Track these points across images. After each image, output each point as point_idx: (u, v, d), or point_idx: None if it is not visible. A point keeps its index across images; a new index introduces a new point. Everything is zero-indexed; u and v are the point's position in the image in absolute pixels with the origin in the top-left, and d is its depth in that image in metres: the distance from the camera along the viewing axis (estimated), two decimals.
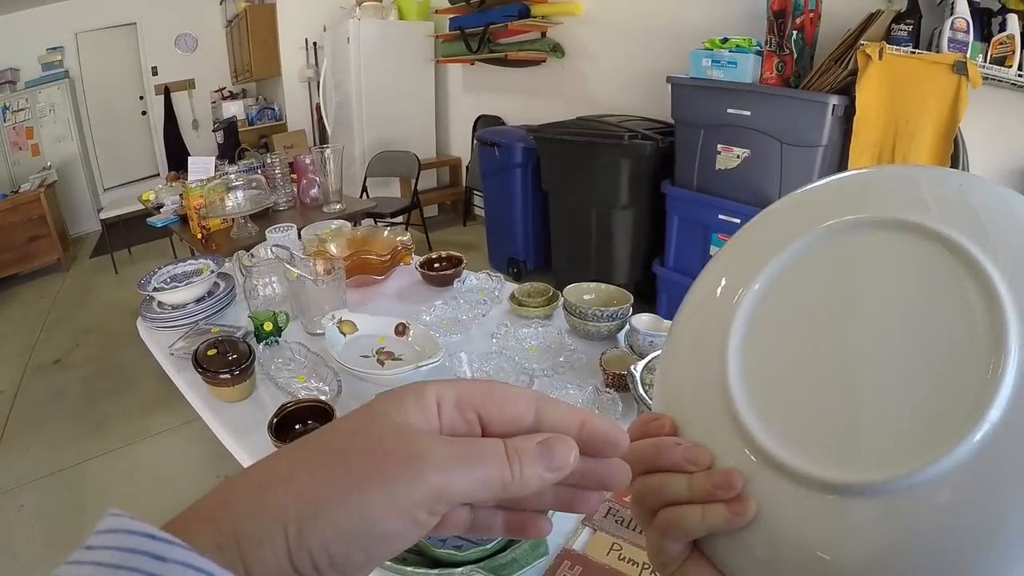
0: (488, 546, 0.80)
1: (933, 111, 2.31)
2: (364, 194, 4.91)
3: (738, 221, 2.80)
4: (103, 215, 5.25)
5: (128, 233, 5.25)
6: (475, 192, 5.51)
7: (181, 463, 2.74)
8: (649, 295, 3.44)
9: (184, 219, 2.93)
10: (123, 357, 3.64)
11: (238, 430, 1.20)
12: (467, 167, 5.60)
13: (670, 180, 3.14)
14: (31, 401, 3.40)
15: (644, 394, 1.04)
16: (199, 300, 1.64)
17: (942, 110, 2.29)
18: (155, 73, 6.89)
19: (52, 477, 2.74)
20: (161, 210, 3.23)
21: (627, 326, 1.37)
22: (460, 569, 0.78)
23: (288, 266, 1.49)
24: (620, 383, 1.20)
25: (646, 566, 0.86)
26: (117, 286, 4.91)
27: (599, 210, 3.38)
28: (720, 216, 2.88)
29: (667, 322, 1.36)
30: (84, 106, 6.49)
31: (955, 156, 2.38)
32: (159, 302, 1.63)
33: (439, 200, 6.02)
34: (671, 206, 3.13)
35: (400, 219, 4.81)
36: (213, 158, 3.15)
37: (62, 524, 2.50)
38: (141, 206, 3.80)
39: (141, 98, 6.96)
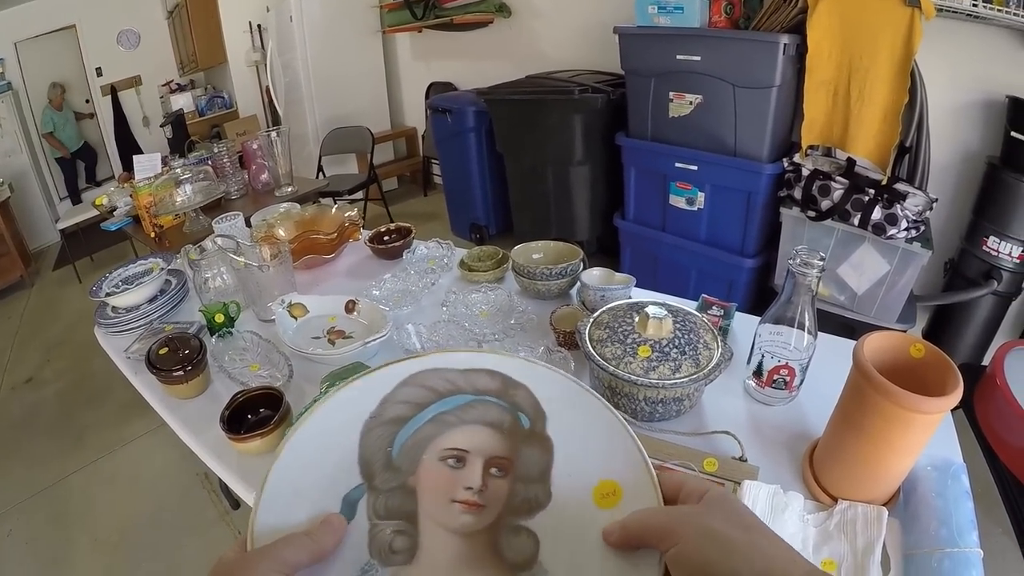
0: None
1: (887, 45, 2.29)
2: (320, 174, 4.87)
3: (695, 168, 2.81)
4: (60, 225, 5.17)
5: (88, 241, 5.18)
6: (433, 161, 5.49)
7: (160, 466, 2.74)
8: (612, 249, 3.44)
9: (137, 219, 2.89)
10: (94, 367, 3.62)
11: (196, 426, 1.19)
12: (423, 136, 5.56)
13: (624, 132, 3.12)
14: (8, 423, 3.37)
15: (591, 351, 1.04)
16: (152, 300, 1.61)
17: (896, 44, 2.27)
18: (100, 74, 6.72)
19: (37, 497, 2.74)
20: (115, 213, 3.18)
21: (578, 283, 1.37)
22: None
23: (233, 256, 1.47)
24: (571, 341, 1.21)
25: None
26: (82, 296, 4.82)
27: (555, 168, 3.36)
28: (677, 164, 2.86)
29: (619, 275, 1.37)
30: (31, 117, 6.33)
31: (912, 91, 2.37)
32: (113, 307, 1.61)
33: (397, 172, 5.98)
34: (627, 158, 3.11)
35: (359, 195, 4.78)
36: (159, 155, 3.09)
37: (52, 544, 2.49)
38: (97, 212, 3.74)
39: (88, 101, 6.81)
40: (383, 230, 1.81)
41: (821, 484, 0.90)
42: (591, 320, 1.11)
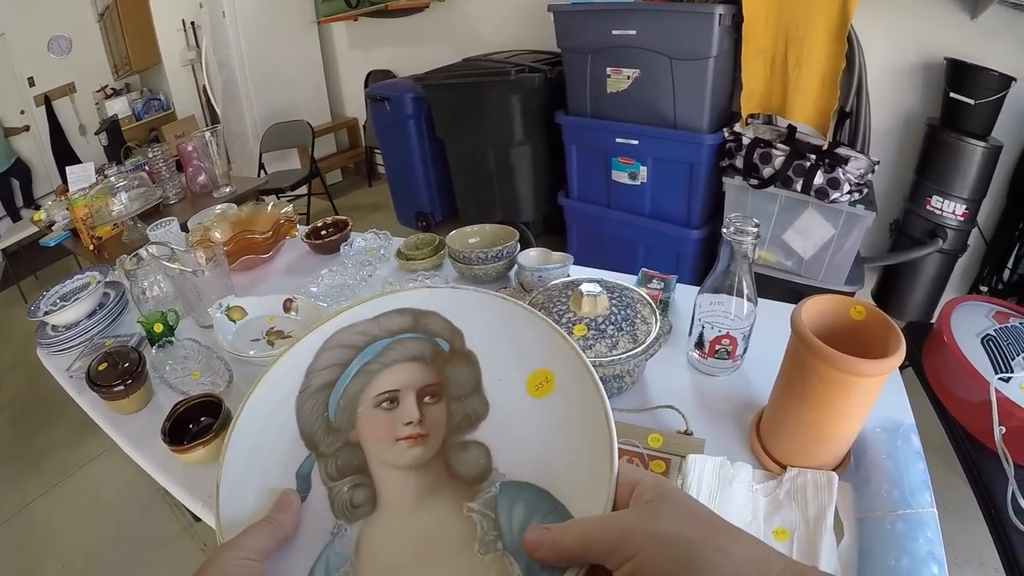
0: None
1: (822, 12, 2.31)
2: (262, 171, 4.80)
3: (636, 142, 2.83)
4: (2, 244, 5.02)
5: (31, 259, 5.04)
6: (375, 151, 5.45)
7: (120, 483, 2.70)
8: (559, 228, 3.46)
9: (76, 233, 2.82)
10: (46, 388, 3.52)
11: (141, 441, 1.18)
12: (364, 126, 5.51)
13: (563, 110, 3.12)
14: None
15: None
16: (91, 315, 1.58)
17: (831, 10, 2.29)
18: (32, 84, 6.47)
19: (1, 528, 2.69)
20: (53, 228, 3.10)
21: (516, 265, 1.37)
22: None
23: (166, 263, 1.45)
24: None
25: None
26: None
27: (495, 150, 3.36)
28: (617, 140, 2.88)
29: (557, 254, 1.37)
30: None
31: (850, 55, 2.41)
32: (52, 325, 1.58)
33: (341, 164, 5.92)
34: (567, 136, 3.12)
35: (303, 190, 4.73)
36: (91, 164, 3.01)
37: (18, 572, 2.46)
38: (37, 228, 3.63)
39: (22, 112, 6.57)
40: (319, 225, 1.80)
41: (769, 452, 0.90)
42: (527, 301, 1.11)
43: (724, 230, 0.94)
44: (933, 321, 1.30)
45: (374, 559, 0.47)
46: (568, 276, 1.26)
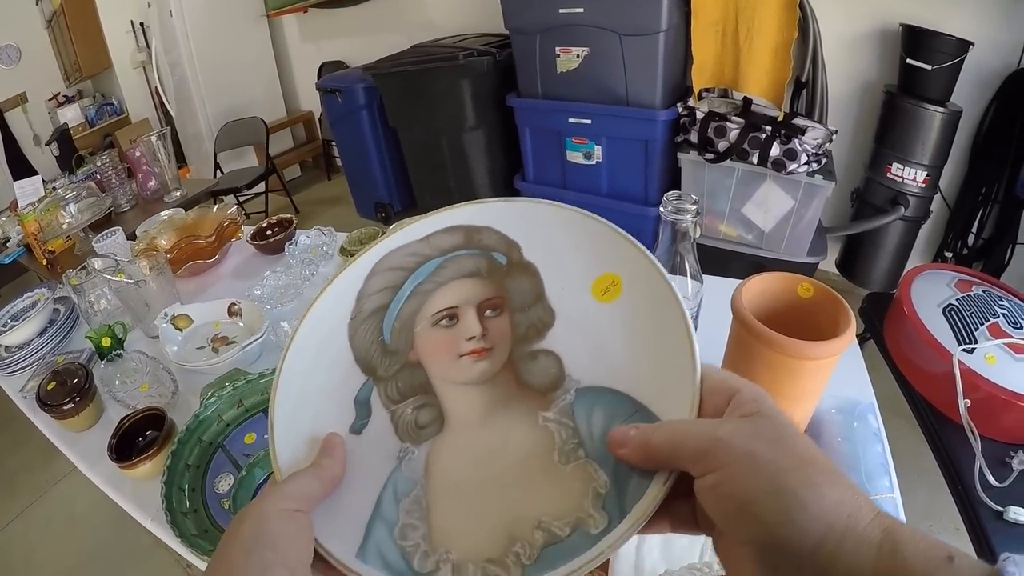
0: None
1: None
2: (218, 171, 4.76)
3: (589, 122, 2.82)
4: None
5: None
6: (333, 144, 5.38)
7: (91, 499, 2.67)
8: None
9: (30, 248, 2.79)
10: (12, 409, 3.46)
11: (92, 458, 1.18)
12: (319, 120, 5.47)
13: (515, 92, 3.12)
14: None
15: None
16: (42, 332, 1.57)
17: None
18: None
19: None
20: (8, 244, 3.06)
21: None
22: None
23: (108, 276, 1.45)
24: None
25: None
26: None
27: (448, 136, 3.35)
28: (570, 120, 2.87)
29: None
30: None
31: (803, 25, 2.41)
32: (5, 346, 1.57)
33: (299, 159, 5.88)
34: (520, 118, 3.11)
35: (260, 188, 4.71)
36: (39, 177, 2.96)
37: None
38: None
39: None
40: (264, 225, 1.80)
41: None
42: None
43: (661, 209, 0.91)
44: (894, 292, 1.28)
45: (446, 480, 0.45)
46: None
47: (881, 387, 0.97)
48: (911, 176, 2.43)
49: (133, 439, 1.12)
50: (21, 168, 6.37)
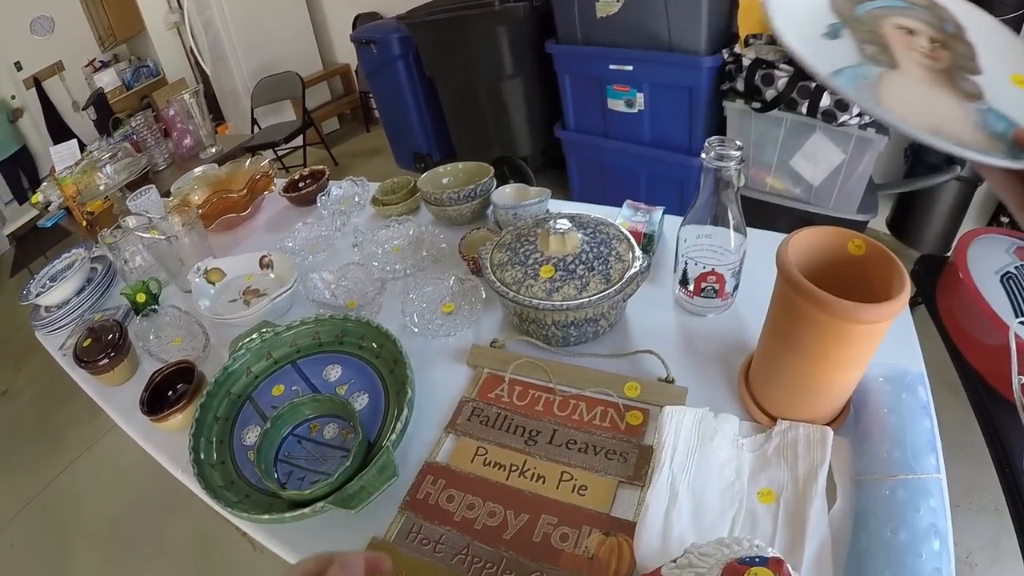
0: (333, 478, 0.80)
1: None
2: (255, 127, 4.79)
3: (630, 68, 2.72)
4: (7, 230, 5.07)
5: (39, 240, 5.08)
6: (370, 96, 5.38)
7: (135, 452, 2.74)
8: (560, 161, 3.40)
9: (70, 211, 2.85)
10: (58, 367, 3.60)
11: (127, 411, 1.19)
12: (356, 72, 5.45)
13: (553, 39, 3.02)
14: None
15: (492, 276, 1.00)
16: (80, 291, 1.60)
17: None
18: (19, 68, 6.44)
19: (31, 506, 2.83)
20: (49, 208, 3.13)
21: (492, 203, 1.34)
22: (311, 507, 0.78)
23: (141, 234, 1.46)
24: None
25: (513, 467, 0.86)
26: None
27: (486, 85, 3.29)
28: (611, 66, 2.77)
29: (534, 189, 1.33)
30: None
31: None
32: (45, 306, 1.60)
33: (336, 111, 5.88)
34: (559, 65, 3.02)
35: (298, 142, 4.74)
36: (75, 142, 3.00)
37: (51, 547, 2.59)
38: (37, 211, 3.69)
39: (13, 97, 6.57)
40: (297, 177, 1.79)
41: (758, 403, 0.83)
42: (495, 243, 1.07)
43: (703, 156, 0.86)
44: (949, 255, 1.21)
45: (896, 92, 0.56)
46: (548, 212, 1.23)
47: (930, 355, 0.90)
48: None
49: (165, 392, 1.13)
50: (62, 135, 6.50)
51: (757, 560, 0.49)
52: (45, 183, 3.45)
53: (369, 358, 1.05)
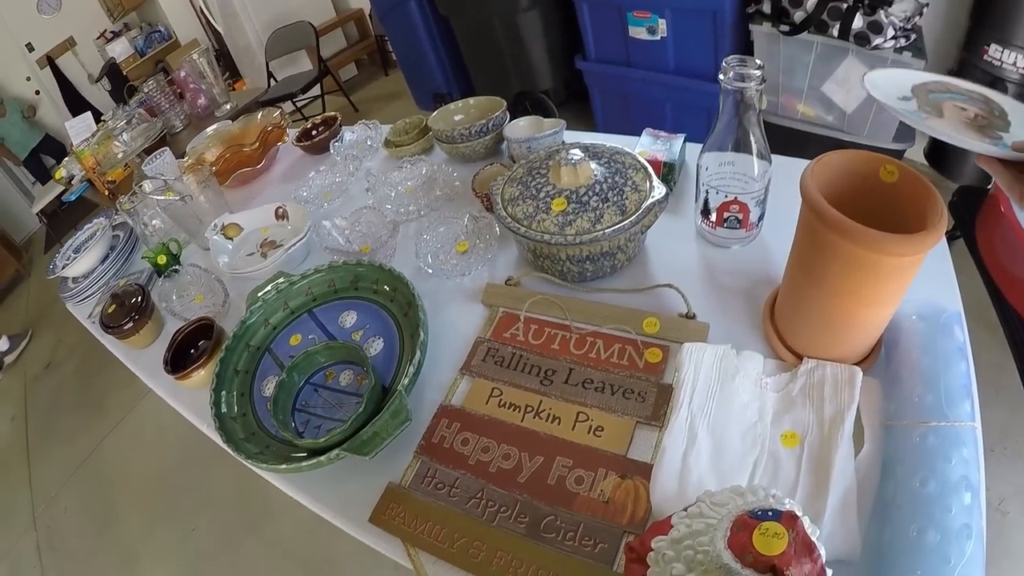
0: (346, 425, 0.80)
1: None
2: (271, 80, 4.80)
3: None
4: (35, 208, 5.18)
5: (69, 215, 5.20)
6: (386, 39, 5.31)
7: (174, 410, 2.87)
8: (583, 94, 3.32)
9: (92, 183, 2.89)
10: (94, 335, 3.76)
11: (154, 372, 1.21)
12: (370, 15, 5.40)
13: None
14: (40, 410, 3.60)
15: (503, 212, 0.98)
16: (104, 259, 1.62)
17: None
18: (31, 49, 6.49)
19: (80, 470, 2.98)
20: (72, 182, 3.18)
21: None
22: (327, 455, 0.78)
23: (156, 197, 1.46)
24: None
25: (528, 408, 0.85)
26: None
27: (501, 19, 3.19)
28: None
29: (548, 121, 1.30)
30: None
31: None
32: (72, 278, 1.63)
33: (353, 57, 5.83)
34: None
35: (316, 91, 4.72)
36: (89, 114, 3.03)
37: (101, 507, 2.73)
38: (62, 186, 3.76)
39: (28, 79, 6.62)
40: (309, 126, 1.77)
41: (784, 340, 0.79)
42: (506, 177, 1.05)
43: (722, 76, 0.81)
44: (990, 187, 1.15)
45: (937, 122, 0.67)
46: (563, 144, 1.20)
47: (967, 292, 0.86)
48: (1011, 60, 2.13)
49: (187, 351, 1.15)
50: (82, 109, 6.53)
51: (770, 514, 0.47)
52: (66, 158, 3.51)
53: (384, 302, 1.05)
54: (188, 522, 2.48)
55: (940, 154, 2.53)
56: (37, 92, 6.46)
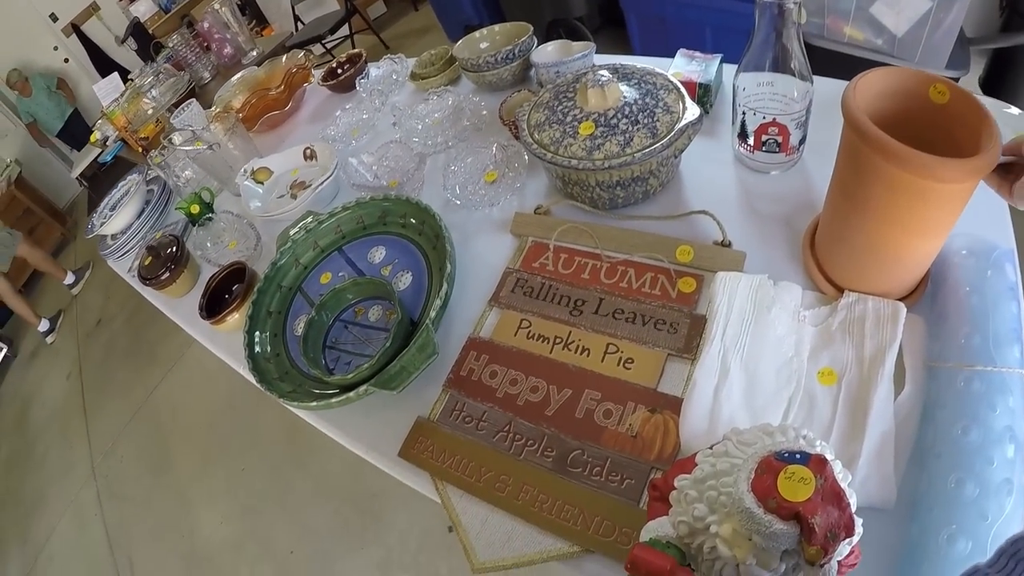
0: (374, 360, 0.81)
1: None
2: (298, 24, 4.80)
3: None
4: (74, 173, 5.29)
5: (108, 176, 5.30)
6: None
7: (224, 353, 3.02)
8: (618, 19, 3.23)
9: (126, 142, 2.93)
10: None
11: (192, 319, 1.24)
12: None
13: None
14: (93, 365, 3.76)
15: (528, 138, 0.95)
16: (140, 214, 1.65)
17: None
18: (55, 19, 6.56)
19: (134, 420, 3.14)
20: (107, 143, 3.24)
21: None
22: (356, 391, 0.79)
23: (184, 148, 1.47)
24: None
25: (557, 340, 0.84)
26: None
27: None
28: None
29: (577, 44, 1.26)
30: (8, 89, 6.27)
31: None
32: (110, 235, 1.66)
33: None
34: None
35: (345, 32, 4.73)
36: (116, 75, 3.08)
37: (156, 453, 2.89)
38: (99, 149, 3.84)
39: (56, 49, 6.69)
40: (334, 65, 1.76)
41: (824, 271, 0.76)
42: (532, 103, 1.02)
43: None
44: None
45: None
46: (594, 67, 1.17)
47: (1020, 229, 0.81)
48: None
49: (222, 296, 1.18)
50: (111, 72, 6.58)
51: (798, 457, 0.44)
52: (99, 120, 3.56)
53: (412, 236, 1.05)
54: (238, 462, 2.60)
55: (997, 82, 2.41)
56: (66, 60, 6.52)
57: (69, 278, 4.56)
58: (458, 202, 1.07)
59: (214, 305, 1.15)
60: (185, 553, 2.44)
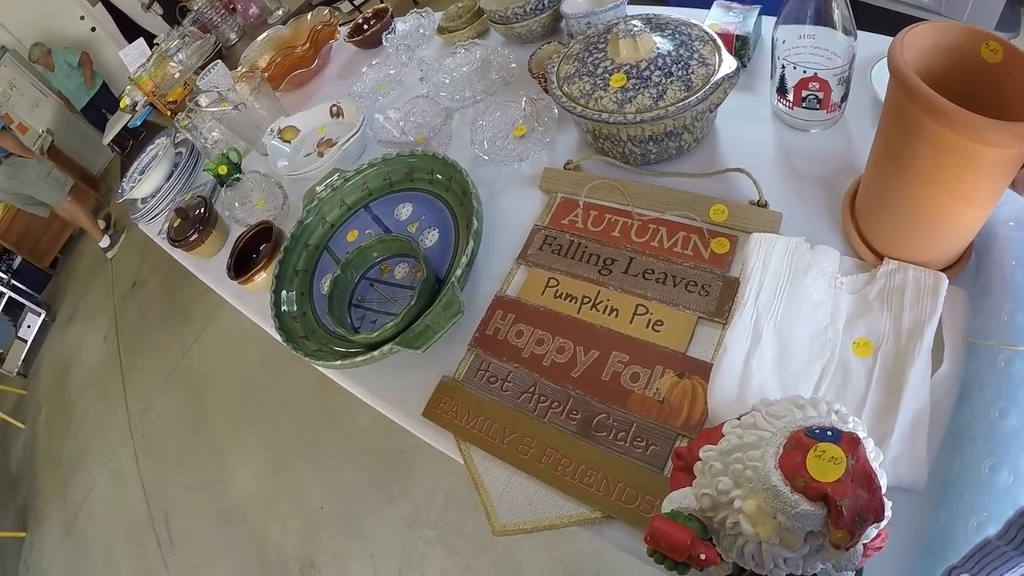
0: (399, 318, 0.80)
1: None
2: None
3: None
4: (105, 140, 5.34)
5: (139, 141, 5.35)
6: None
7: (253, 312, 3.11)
8: None
9: (155, 106, 2.95)
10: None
11: (222, 279, 1.24)
12: None
13: None
14: (130, 328, 3.87)
15: (557, 91, 0.93)
16: (169, 177, 1.66)
17: None
18: None
19: (169, 379, 3.24)
20: (136, 108, 3.26)
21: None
22: (380, 350, 0.79)
23: (210, 109, 1.47)
24: None
25: (585, 299, 0.83)
26: None
27: None
28: None
29: None
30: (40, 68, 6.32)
31: None
32: (140, 199, 1.68)
33: None
34: None
35: None
36: (142, 40, 3.09)
37: (191, 411, 2.99)
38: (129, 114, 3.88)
39: (82, 18, 6.70)
40: (360, 20, 1.74)
41: (863, 236, 0.73)
42: (562, 55, 0.99)
43: None
44: None
45: None
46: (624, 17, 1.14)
47: None
48: None
49: (250, 255, 1.19)
50: (138, 38, 6.58)
51: (829, 434, 0.42)
52: (128, 87, 3.58)
53: (439, 192, 1.04)
54: (270, 419, 2.66)
55: None
56: (93, 29, 6.53)
57: (105, 241, 4.73)
58: (486, 157, 1.06)
59: (242, 264, 1.16)
60: (219, 508, 2.53)
